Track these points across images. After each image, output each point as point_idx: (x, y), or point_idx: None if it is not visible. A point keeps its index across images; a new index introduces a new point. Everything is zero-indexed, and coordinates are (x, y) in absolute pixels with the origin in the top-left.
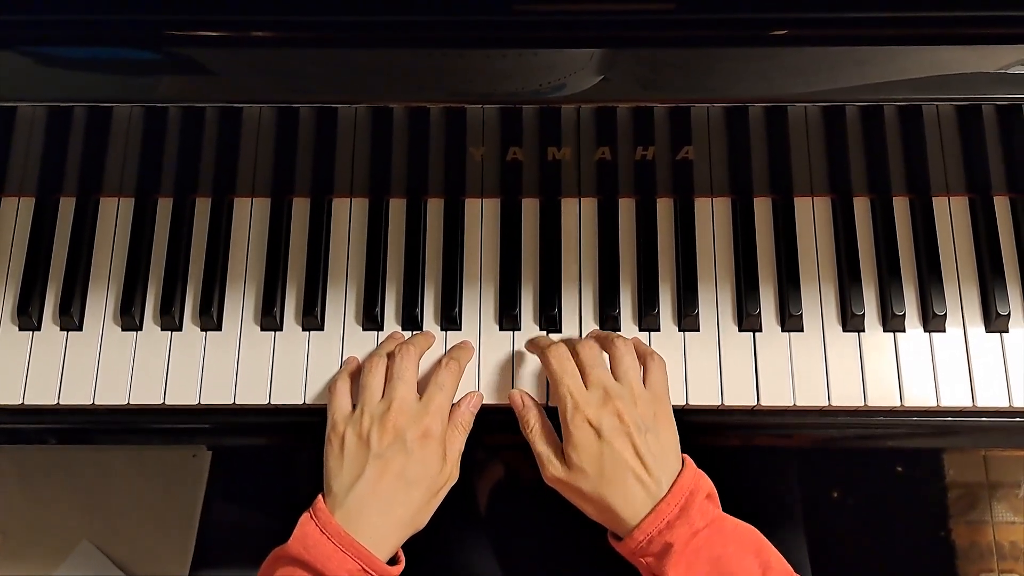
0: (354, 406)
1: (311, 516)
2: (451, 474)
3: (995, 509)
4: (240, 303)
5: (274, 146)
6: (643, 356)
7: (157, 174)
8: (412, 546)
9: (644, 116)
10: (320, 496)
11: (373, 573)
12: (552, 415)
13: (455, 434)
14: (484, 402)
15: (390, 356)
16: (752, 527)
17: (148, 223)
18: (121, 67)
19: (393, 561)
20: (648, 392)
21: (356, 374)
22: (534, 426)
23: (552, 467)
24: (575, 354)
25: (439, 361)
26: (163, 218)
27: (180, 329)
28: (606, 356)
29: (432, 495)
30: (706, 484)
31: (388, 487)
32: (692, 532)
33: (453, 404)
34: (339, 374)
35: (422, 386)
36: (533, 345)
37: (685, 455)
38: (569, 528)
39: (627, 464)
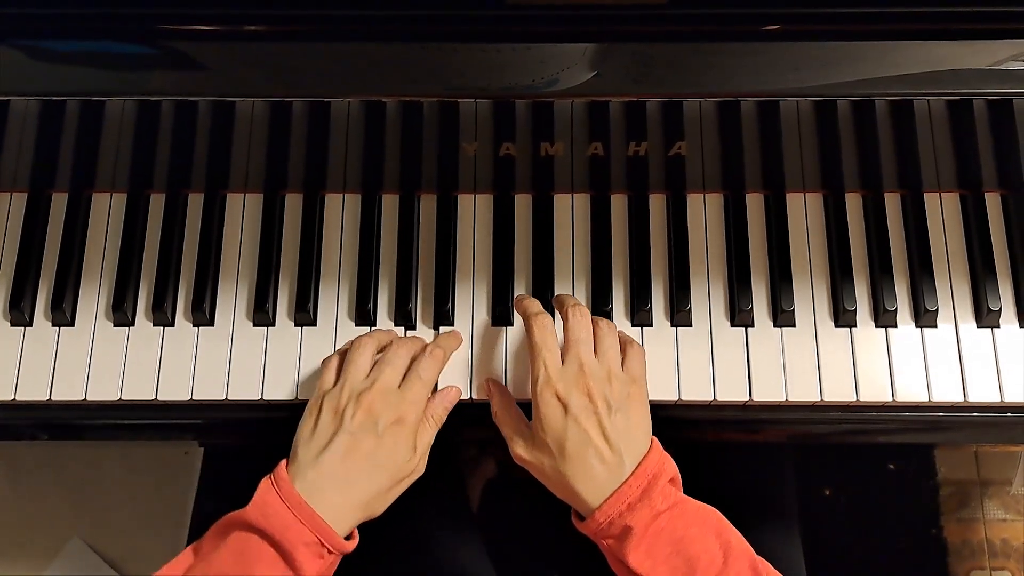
0: None
1: (272, 483)
2: (417, 466)
3: (986, 506)
4: (233, 299)
5: (267, 141)
6: (623, 343)
7: (149, 169)
8: (403, 542)
9: (637, 111)
10: (283, 462)
11: (330, 547)
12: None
13: (426, 427)
14: (476, 397)
15: (383, 343)
16: (714, 509)
17: (140, 218)
18: (113, 61)
19: (347, 538)
20: (625, 374)
21: None
22: (497, 411)
23: (517, 446)
24: (566, 320)
25: (424, 347)
26: (156, 213)
27: (172, 325)
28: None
29: (395, 483)
30: (671, 468)
31: (353, 466)
32: (653, 515)
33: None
34: (337, 351)
35: None
36: (520, 308)
37: (654, 437)
38: (560, 522)
39: (591, 442)
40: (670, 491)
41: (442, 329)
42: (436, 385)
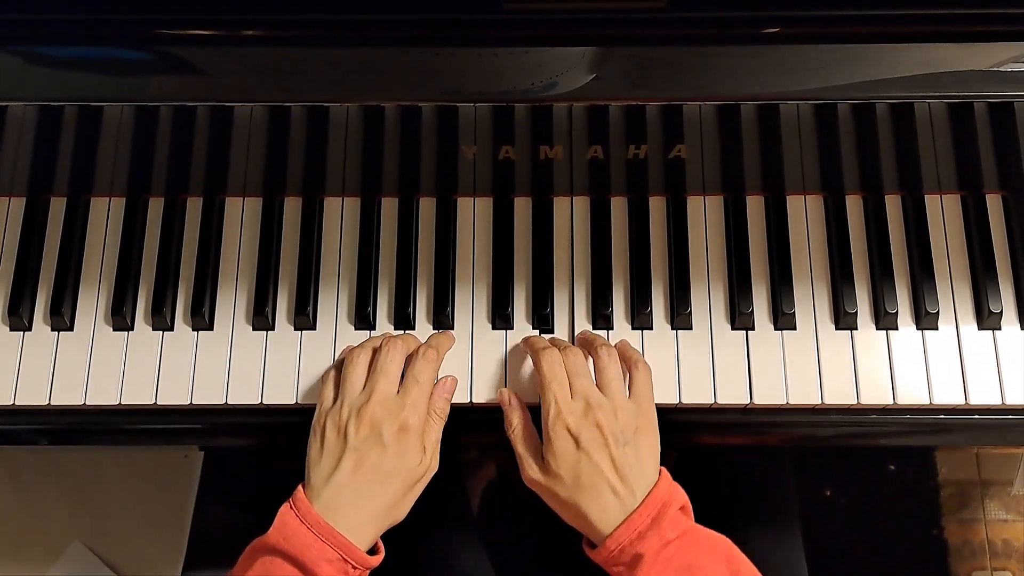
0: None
1: (291, 506)
2: (430, 465)
3: (987, 507)
4: (232, 303)
5: (265, 145)
6: (629, 363)
7: (148, 174)
8: (403, 544)
9: (636, 114)
10: (300, 486)
11: (352, 562)
12: (536, 416)
13: (431, 424)
14: (476, 401)
15: (375, 350)
16: (724, 537)
17: (139, 223)
18: (112, 66)
19: (372, 552)
20: (632, 403)
21: None
22: (516, 427)
23: (531, 469)
24: (563, 360)
25: (416, 347)
26: (154, 218)
27: (172, 329)
28: (591, 362)
29: (409, 487)
30: (680, 496)
31: (364, 479)
32: (663, 543)
33: None
34: (333, 365)
35: None
36: (528, 344)
37: (662, 467)
38: (560, 527)
39: (603, 475)
40: (680, 519)
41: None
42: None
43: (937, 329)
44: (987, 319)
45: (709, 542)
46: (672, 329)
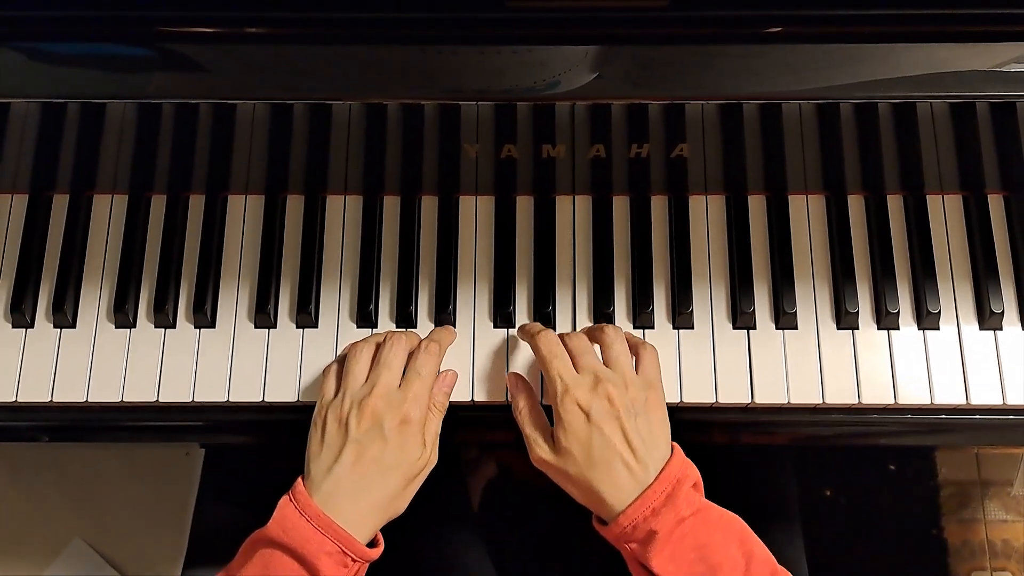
0: None
1: (290, 499)
2: (430, 458)
3: (987, 507)
4: (234, 300)
5: (267, 143)
6: (635, 346)
7: (150, 171)
8: (403, 540)
9: (638, 113)
10: (300, 479)
11: (352, 554)
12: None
13: (431, 417)
14: (478, 400)
15: (379, 345)
16: (737, 516)
17: (141, 220)
18: (113, 63)
19: (372, 545)
20: (640, 378)
21: None
22: (523, 408)
23: (539, 449)
24: (564, 345)
25: (419, 343)
26: (156, 215)
27: (174, 326)
28: (597, 348)
29: (409, 480)
30: (693, 473)
31: (365, 472)
32: (677, 520)
33: None
34: (336, 359)
35: None
36: (524, 332)
37: (674, 443)
38: (561, 525)
39: (615, 449)
40: (694, 497)
41: None
42: None
43: (938, 329)
44: (988, 319)
45: (723, 521)
46: (674, 328)
